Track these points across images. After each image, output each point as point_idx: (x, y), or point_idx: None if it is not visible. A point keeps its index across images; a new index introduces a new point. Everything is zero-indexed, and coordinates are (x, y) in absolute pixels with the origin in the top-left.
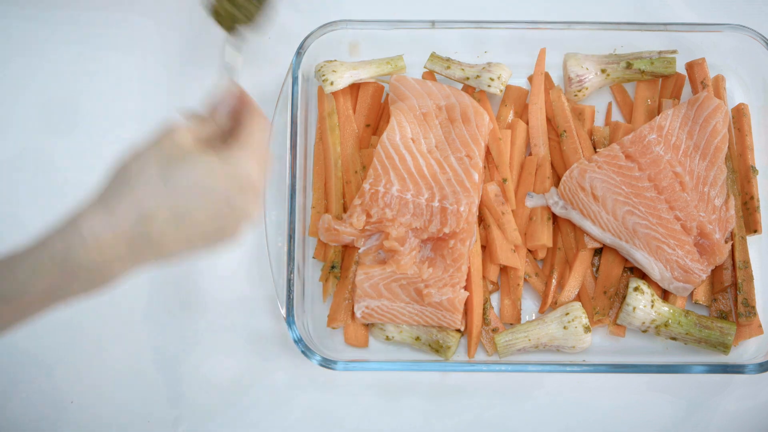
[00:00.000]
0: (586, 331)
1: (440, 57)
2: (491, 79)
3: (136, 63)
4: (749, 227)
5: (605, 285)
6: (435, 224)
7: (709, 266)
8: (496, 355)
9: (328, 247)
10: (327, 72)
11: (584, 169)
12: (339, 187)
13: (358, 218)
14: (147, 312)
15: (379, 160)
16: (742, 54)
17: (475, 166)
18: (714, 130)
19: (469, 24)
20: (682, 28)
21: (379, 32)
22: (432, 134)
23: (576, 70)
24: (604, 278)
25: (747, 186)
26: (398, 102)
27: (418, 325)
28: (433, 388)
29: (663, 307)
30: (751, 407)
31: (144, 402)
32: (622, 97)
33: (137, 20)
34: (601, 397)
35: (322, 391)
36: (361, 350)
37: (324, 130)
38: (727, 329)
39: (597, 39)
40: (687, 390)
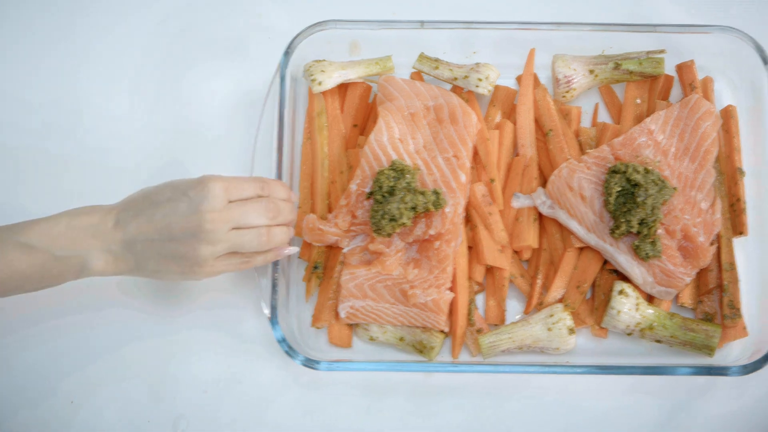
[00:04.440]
0: (571, 333)
1: (429, 57)
2: (479, 80)
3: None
4: (736, 229)
5: (580, 281)
6: (420, 226)
7: (693, 269)
8: (480, 356)
9: (314, 247)
10: (315, 72)
11: (573, 169)
12: (325, 187)
13: (344, 219)
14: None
15: (367, 161)
16: (731, 55)
17: (462, 166)
18: (704, 133)
19: (458, 24)
20: (670, 30)
21: (368, 32)
22: (420, 135)
23: (564, 71)
24: (580, 273)
25: (734, 188)
26: (386, 102)
27: (402, 325)
28: (417, 389)
29: (648, 310)
30: (735, 410)
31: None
32: (610, 98)
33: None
34: (585, 399)
35: (306, 391)
36: (345, 350)
37: (312, 130)
38: (712, 332)
39: (586, 40)
40: (671, 392)
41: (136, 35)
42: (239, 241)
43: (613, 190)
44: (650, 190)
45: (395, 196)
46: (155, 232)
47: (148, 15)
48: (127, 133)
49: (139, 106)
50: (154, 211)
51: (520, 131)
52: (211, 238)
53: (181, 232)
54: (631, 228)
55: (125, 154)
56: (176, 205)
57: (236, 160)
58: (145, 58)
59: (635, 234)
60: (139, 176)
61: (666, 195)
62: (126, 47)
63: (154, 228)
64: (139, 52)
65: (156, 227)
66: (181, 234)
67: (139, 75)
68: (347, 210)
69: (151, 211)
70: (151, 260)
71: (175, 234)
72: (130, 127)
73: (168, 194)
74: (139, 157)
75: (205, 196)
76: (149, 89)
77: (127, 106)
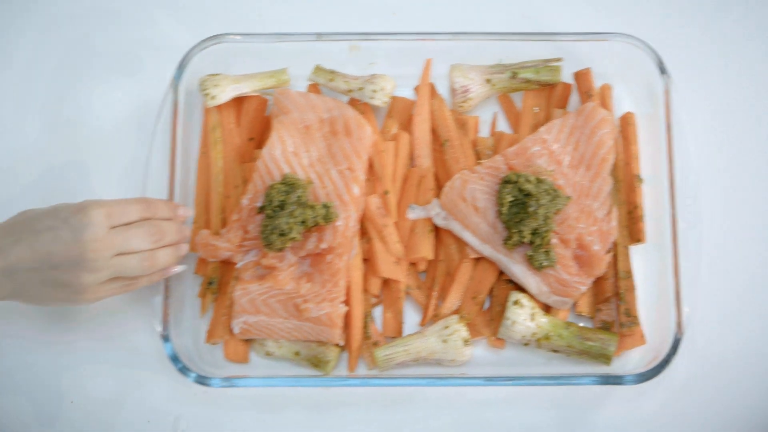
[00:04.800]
0: (466, 344)
1: (324, 69)
2: (374, 91)
3: (12, 76)
4: (633, 237)
5: (476, 292)
6: (312, 240)
7: (588, 278)
8: (376, 369)
9: (209, 262)
10: (209, 86)
11: (466, 180)
12: (219, 201)
13: (236, 234)
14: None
15: (259, 175)
16: (628, 62)
17: (355, 179)
18: (600, 141)
19: (355, 36)
20: (567, 38)
21: (264, 45)
22: (314, 147)
23: (460, 81)
24: (476, 284)
25: (631, 195)
26: (281, 116)
27: (297, 340)
28: (316, 402)
29: (543, 319)
30: (634, 419)
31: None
32: (508, 107)
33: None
34: (482, 411)
35: (203, 408)
36: (243, 365)
37: (207, 144)
38: (607, 341)
39: (485, 49)
40: (569, 402)
41: (24, 44)
42: (123, 267)
43: (505, 200)
44: (542, 199)
45: (285, 210)
46: (36, 260)
47: (39, 25)
48: (15, 146)
49: (28, 119)
50: (35, 238)
51: (416, 142)
52: (93, 266)
53: (63, 260)
54: (524, 238)
55: (9, 168)
56: (57, 233)
57: (130, 175)
58: (35, 69)
59: (529, 244)
60: (28, 192)
61: (559, 204)
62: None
63: (35, 256)
64: (30, 63)
65: (37, 256)
66: (63, 262)
67: (29, 86)
68: (239, 225)
69: (32, 238)
70: (32, 288)
71: (57, 262)
72: (17, 141)
73: (49, 222)
74: (28, 171)
75: (87, 224)
76: (39, 101)
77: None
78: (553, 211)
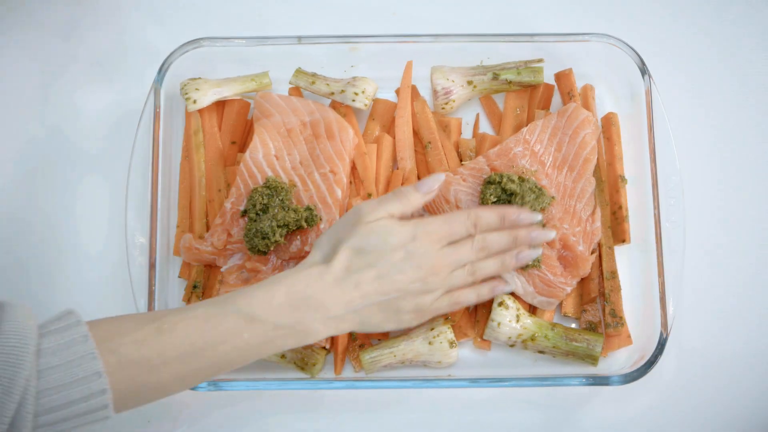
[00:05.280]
0: (452, 346)
1: (305, 72)
2: (355, 94)
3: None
4: (617, 237)
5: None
6: (296, 243)
7: (573, 279)
8: (363, 372)
9: (194, 266)
10: (190, 90)
11: (449, 182)
12: (202, 205)
13: (219, 238)
14: None
15: (242, 179)
16: (610, 62)
17: (338, 182)
18: (583, 142)
19: (336, 39)
20: (548, 39)
21: (245, 49)
22: (296, 151)
23: (442, 83)
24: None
25: (615, 196)
26: (263, 119)
27: None
28: (302, 404)
29: (528, 321)
30: (621, 420)
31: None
32: (491, 108)
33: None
34: (468, 412)
35: (190, 410)
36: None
37: (189, 148)
38: (593, 341)
39: (466, 51)
40: (556, 403)
41: (5, 50)
42: (452, 281)
43: (488, 200)
44: (527, 197)
45: (268, 213)
46: (381, 293)
47: (20, 30)
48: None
49: (9, 125)
50: (375, 270)
51: (398, 144)
52: (431, 288)
53: (407, 287)
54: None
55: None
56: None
57: (112, 180)
58: (16, 75)
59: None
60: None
61: (544, 203)
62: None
63: (379, 289)
64: (10, 68)
65: (381, 289)
66: (407, 290)
67: (10, 92)
68: (222, 229)
69: (372, 271)
70: (374, 317)
71: (401, 290)
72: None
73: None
74: (10, 176)
75: (423, 252)
76: (20, 107)
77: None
78: (539, 209)
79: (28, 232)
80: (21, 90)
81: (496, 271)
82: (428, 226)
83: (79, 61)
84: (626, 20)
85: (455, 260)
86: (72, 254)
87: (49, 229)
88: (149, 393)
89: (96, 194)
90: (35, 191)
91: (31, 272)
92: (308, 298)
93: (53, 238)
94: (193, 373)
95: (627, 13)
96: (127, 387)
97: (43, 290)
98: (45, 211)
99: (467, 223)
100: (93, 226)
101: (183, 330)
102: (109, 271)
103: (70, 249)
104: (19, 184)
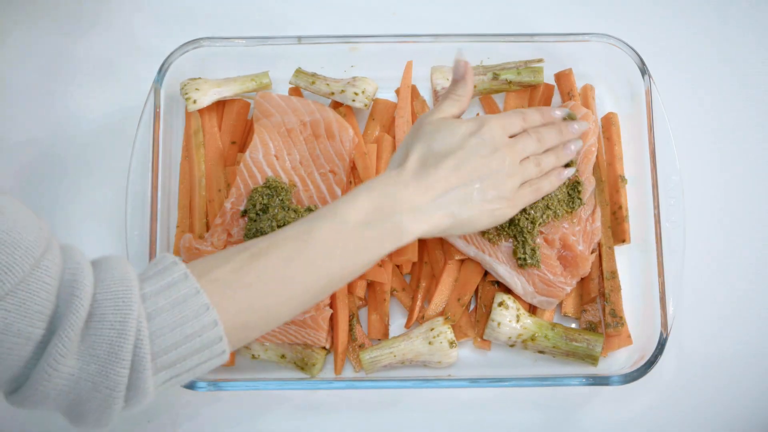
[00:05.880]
0: (452, 346)
1: (305, 72)
2: (355, 94)
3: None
4: (617, 237)
5: (461, 293)
6: None
7: (573, 279)
8: (363, 372)
9: None
10: (190, 90)
11: None
12: (202, 205)
13: (219, 238)
14: None
15: (242, 179)
16: (610, 62)
17: (339, 182)
18: (582, 138)
19: (336, 39)
20: (548, 39)
21: (245, 49)
22: (296, 151)
23: (441, 83)
24: (461, 286)
25: (615, 195)
26: (262, 119)
27: (283, 343)
28: (302, 405)
29: (528, 321)
30: (621, 420)
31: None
32: (491, 108)
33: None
34: (468, 412)
35: (187, 410)
36: (228, 369)
37: (189, 148)
38: (593, 341)
39: (466, 50)
40: (557, 403)
41: (5, 50)
42: (525, 171)
43: None
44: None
45: (268, 213)
46: (461, 181)
47: (19, 31)
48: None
49: (9, 125)
50: (451, 160)
51: (398, 144)
52: (511, 171)
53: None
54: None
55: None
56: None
57: (112, 180)
58: (16, 75)
59: (512, 237)
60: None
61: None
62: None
63: (459, 177)
64: (10, 68)
65: (460, 176)
66: (487, 175)
67: (10, 92)
68: (222, 229)
69: (449, 161)
70: (462, 209)
71: (481, 175)
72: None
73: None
74: (10, 176)
75: (493, 135)
76: (20, 107)
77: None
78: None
79: None
80: (21, 90)
81: (555, 163)
82: (491, 118)
83: (79, 61)
84: (626, 20)
85: (522, 148)
86: None
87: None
88: (260, 320)
89: (96, 194)
90: (35, 191)
91: None
92: (389, 196)
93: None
94: (296, 293)
95: (627, 13)
96: (235, 317)
97: None
98: (45, 211)
99: (519, 118)
100: (93, 226)
101: (276, 251)
102: None
103: None
104: (18, 183)
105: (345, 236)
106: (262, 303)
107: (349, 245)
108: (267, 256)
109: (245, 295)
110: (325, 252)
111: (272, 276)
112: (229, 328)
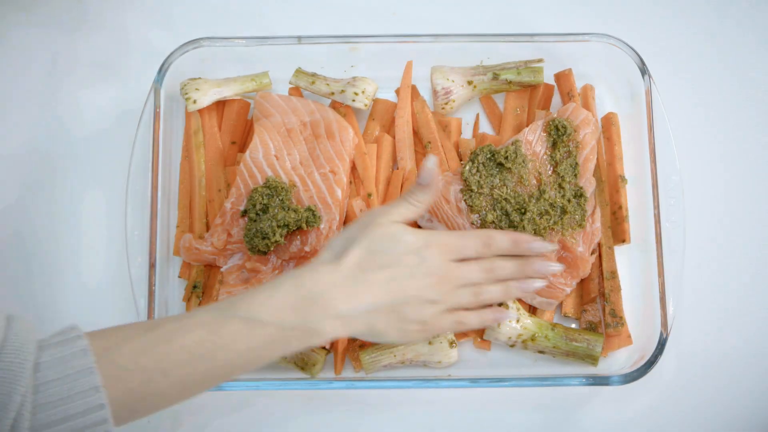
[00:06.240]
0: (452, 346)
1: (305, 72)
2: (355, 94)
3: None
4: (617, 237)
5: None
6: (296, 243)
7: (573, 280)
8: (363, 372)
9: (194, 266)
10: (190, 90)
11: (449, 182)
12: (202, 205)
13: (219, 238)
14: None
15: (242, 179)
16: (610, 62)
17: (338, 182)
18: (583, 141)
19: (336, 39)
20: (548, 39)
21: (245, 49)
22: (296, 151)
23: (441, 83)
24: None
25: (615, 196)
26: (262, 119)
27: None
28: (302, 404)
29: (528, 321)
30: (621, 420)
31: None
32: (491, 108)
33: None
34: (468, 412)
35: (186, 410)
36: None
37: (189, 148)
38: (593, 341)
39: (466, 51)
40: (557, 403)
41: (6, 51)
42: (457, 298)
43: (478, 161)
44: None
45: (268, 213)
46: (390, 296)
47: (21, 32)
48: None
49: (10, 126)
50: (387, 272)
51: (398, 144)
52: (436, 298)
53: (413, 295)
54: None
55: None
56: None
57: (112, 180)
58: (18, 76)
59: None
60: (10, 198)
61: (528, 167)
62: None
63: (389, 292)
64: (12, 70)
65: (390, 291)
66: (412, 297)
67: (11, 93)
68: (222, 228)
69: (384, 272)
70: (380, 322)
71: (408, 296)
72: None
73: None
74: (10, 177)
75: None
76: (21, 107)
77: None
78: (526, 175)
79: (27, 232)
80: (21, 89)
81: (500, 297)
82: (441, 237)
83: (79, 61)
84: (626, 20)
85: (463, 276)
86: (72, 254)
87: (48, 228)
88: (151, 404)
89: (96, 194)
90: (35, 191)
91: (30, 272)
92: (316, 296)
93: (53, 237)
94: (195, 382)
95: (627, 13)
96: (127, 399)
97: (43, 289)
98: (45, 211)
99: (479, 243)
100: (93, 226)
101: (181, 338)
102: (109, 270)
103: (70, 249)
104: (19, 183)
105: (256, 335)
106: (156, 389)
107: (255, 344)
108: (171, 343)
109: (140, 380)
110: (230, 347)
111: (172, 364)
112: (118, 410)
